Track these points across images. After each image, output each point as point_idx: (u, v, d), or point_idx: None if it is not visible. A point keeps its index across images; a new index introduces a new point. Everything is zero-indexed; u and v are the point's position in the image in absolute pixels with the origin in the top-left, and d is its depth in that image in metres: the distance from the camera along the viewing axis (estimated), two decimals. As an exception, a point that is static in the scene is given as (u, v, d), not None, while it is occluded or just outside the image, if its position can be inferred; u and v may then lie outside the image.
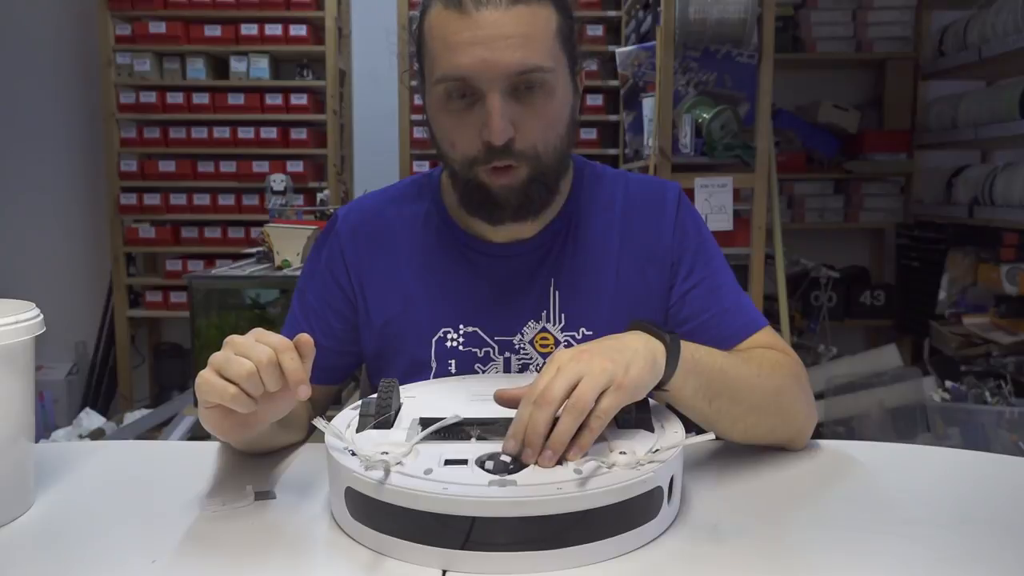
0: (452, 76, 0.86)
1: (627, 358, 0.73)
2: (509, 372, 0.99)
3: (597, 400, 0.70)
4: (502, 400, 0.78)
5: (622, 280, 0.99)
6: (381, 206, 1.04)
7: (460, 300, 0.99)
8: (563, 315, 0.98)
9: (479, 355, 0.99)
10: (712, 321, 0.97)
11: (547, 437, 0.69)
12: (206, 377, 0.73)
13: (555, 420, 0.70)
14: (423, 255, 1.00)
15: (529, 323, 0.98)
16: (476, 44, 0.83)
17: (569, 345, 0.98)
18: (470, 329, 0.98)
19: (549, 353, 0.98)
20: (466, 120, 0.88)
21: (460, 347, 0.99)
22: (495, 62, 0.84)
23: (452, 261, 1.00)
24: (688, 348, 0.80)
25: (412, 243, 1.01)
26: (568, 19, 0.90)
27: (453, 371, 0.99)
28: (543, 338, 0.98)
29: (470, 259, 0.99)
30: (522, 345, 0.98)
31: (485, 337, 0.98)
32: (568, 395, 0.70)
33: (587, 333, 0.98)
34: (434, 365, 0.99)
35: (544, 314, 0.98)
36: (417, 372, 0.99)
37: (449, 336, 0.99)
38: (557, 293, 0.98)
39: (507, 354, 0.99)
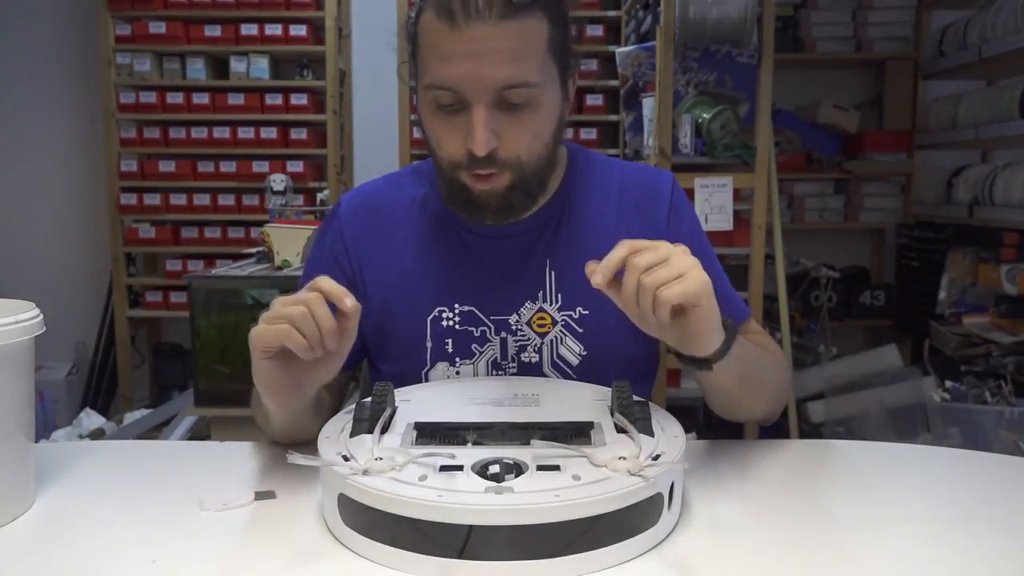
0: (440, 85, 0.87)
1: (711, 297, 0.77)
2: (506, 354, 1.00)
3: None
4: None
5: None
6: (381, 189, 1.07)
7: (455, 280, 1.00)
8: (559, 295, 1.00)
9: (475, 335, 1.00)
10: None
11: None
12: (259, 327, 0.77)
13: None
14: (420, 236, 1.02)
15: (526, 303, 1.00)
16: (465, 57, 0.84)
17: (567, 325, 1.00)
18: (466, 308, 1.00)
19: (546, 333, 1.00)
20: (453, 125, 0.89)
21: (456, 326, 1.00)
22: (482, 76, 0.85)
23: (448, 242, 1.01)
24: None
25: (410, 224, 1.03)
26: (562, 28, 0.90)
27: (450, 351, 1.00)
28: (540, 318, 1.00)
29: (465, 240, 1.01)
30: (519, 326, 1.00)
31: (481, 316, 0.99)
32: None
33: (584, 312, 1.00)
34: (429, 344, 1.00)
35: (540, 294, 1.00)
36: (413, 352, 1.00)
37: (444, 315, 1.00)
38: (553, 273, 1.00)
39: (503, 334, 1.00)
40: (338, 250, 1.04)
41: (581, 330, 0.99)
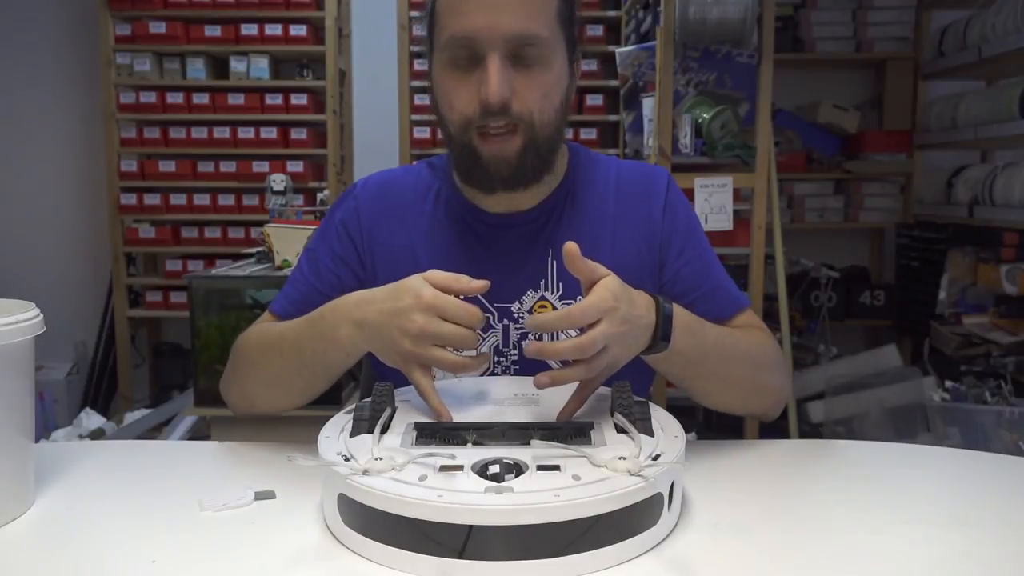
0: (458, 36, 0.91)
1: (634, 338, 0.83)
2: (507, 341, 1.01)
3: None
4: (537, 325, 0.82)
5: (617, 252, 1.02)
6: (398, 176, 1.11)
7: (461, 267, 1.01)
8: (561, 284, 1.02)
9: None
10: (702, 298, 1.02)
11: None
12: (428, 354, 0.84)
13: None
14: (431, 223, 1.05)
15: (528, 292, 1.02)
16: (482, 7, 0.90)
17: None
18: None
19: None
20: (466, 81, 0.92)
21: None
22: (497, 24, 0.89)
23: (455, 231, 1.04)
24: (684, 317, 0.88)
25: (422, 211, 1.06)
26: (569, 5, 0.95)
27: None
28: (541, 306, 1.02)
29: (472, 228, 1.03)
30: (521, 314, 1.02)
31: (485, 303, 1.01)
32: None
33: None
34: None
35: (542, 283, 1.02)
36: None
37: None
38: (555, 263, 1.02)
39: (505, 322, 1.02)
40: (351, 225, 1.06)
41: None
